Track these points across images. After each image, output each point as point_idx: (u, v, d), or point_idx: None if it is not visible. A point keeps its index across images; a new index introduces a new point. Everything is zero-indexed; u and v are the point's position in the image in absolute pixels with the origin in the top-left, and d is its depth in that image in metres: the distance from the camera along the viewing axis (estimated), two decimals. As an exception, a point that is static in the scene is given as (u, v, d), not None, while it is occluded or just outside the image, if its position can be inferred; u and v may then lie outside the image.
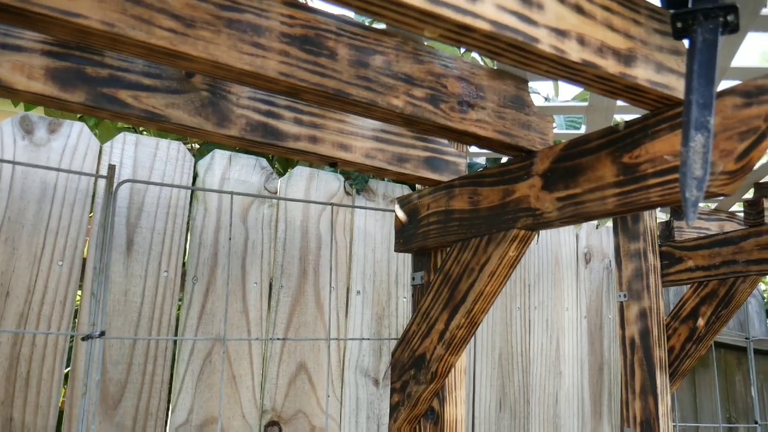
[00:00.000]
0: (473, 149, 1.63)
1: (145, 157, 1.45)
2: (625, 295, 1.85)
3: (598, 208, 0.93)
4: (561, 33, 0.74)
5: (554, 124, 1.11)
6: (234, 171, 1.55)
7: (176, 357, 1.43)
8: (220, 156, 1.55)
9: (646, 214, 1.86)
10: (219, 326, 1.47)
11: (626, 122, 0.91)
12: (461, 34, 0.70)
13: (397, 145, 1.24)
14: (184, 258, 1.47)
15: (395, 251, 1.40)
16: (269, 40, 0.85)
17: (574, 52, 0.75)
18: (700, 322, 1.76)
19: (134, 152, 1.44)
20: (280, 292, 1.57)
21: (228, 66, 0.82)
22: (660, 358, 1.77)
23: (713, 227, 1.93)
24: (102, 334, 1.09)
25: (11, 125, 1.32)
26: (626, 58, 0.80)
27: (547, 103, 1.52)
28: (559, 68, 0.77)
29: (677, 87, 0.83)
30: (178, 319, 1.46)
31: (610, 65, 0.78)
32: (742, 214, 1.99)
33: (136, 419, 1.35)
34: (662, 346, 1.77)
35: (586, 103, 1.18)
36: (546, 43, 0.73)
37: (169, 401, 1.41)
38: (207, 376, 1.44)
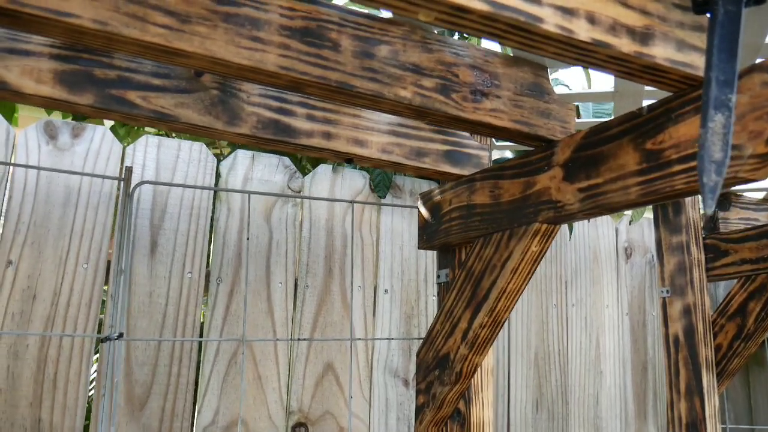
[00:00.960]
0: (500, 143, 1.58)
1: (168, 159, 1.45)
2: (667, 291, 1.76)
3: (621, 198, 0.88)
4: (568, 11, 0.69)
5: (578, 116, 1.06)
6: (257, 171, 1.54)
7: (201, 358, 1.43)
8: (242, 156, 1.54)
9: (689, 205, 1.76)
10: (244, 327, 1.47)
11: (648, 106, 0.85)
12: (457, 16, 0.66)
13: (415, 139, 1.21)
14: (208, 259, 1.47)
15: (419, 248, 1.36)
16: (268, 33, 0.83)
17: (582, 32, 0.70)
18: (749, 318, 1.66)
19: (156, 154, 1.44)
20: (305, 292, 1.55)
21: (225, 61, 0.80)
22: (706, 357, 1.68)
23: (762, 218, 1.82)
24: (121, 335, 1.09)
25: (36, 130, 1.34)
26: (642, 36, 0.74)
27: (569, 91, 1.45)
28: (568, 50, 0.72)
29: (701, 65, 0.77)
30: (202, 321, 1.46)
31: (624, 44, 0.72)
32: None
33: (162, 420, 1.35)
34: (708, 344, 1.68)
35: (611, 90, 1.11)
36: (551, 22, 0.68)
37: (195, 402, 1.41)
38: (233, 377, 1.44)
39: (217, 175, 1.51)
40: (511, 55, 1.01)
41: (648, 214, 2.25)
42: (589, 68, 0.76)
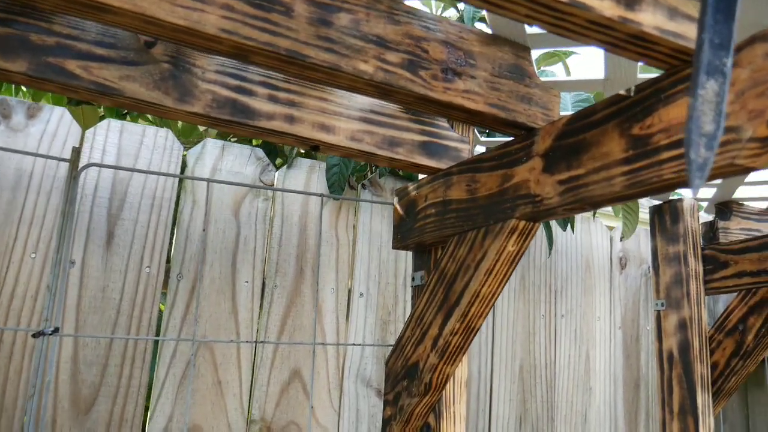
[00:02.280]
0: (486, 138, 1.48)
1: (130, 145, 1.36)
2: (662, 304, 1.66)
3: (604, 190, 0.78)
4: (541, -35, 0.60)
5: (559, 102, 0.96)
6: (226, 161, 1.45)
7: (157, 360, 1.33)
8: (212, 145, 1.45)
9: (688, 213, 1.66)
10: (205, 327, 1.37)
11: (637, 86, 0.76)
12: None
13: (389, 128, 1.11)
14: (169, 254, 1.38)
15: (393, 248, 1.26)
16: (211, -8, 0.74)
17: (558, -11, 0.60)
18: (749, 334, 1.56)
19: (119, 139, 1.35)
20: (273, 292, 1.45)
21: (158, 20, 0.71)
22: (701, 375, 1.57)
23: (764, 228, 1.72)
24: (56, 330, 0.99)
25: (-15, 109, 1.25)
26: (629, 0, 0.65)
27: (554, 78, 1.36)
28: (542, 10, 0.62)
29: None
30: (160, 319, 1.37)
31: (606, 7, 0.63)
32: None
33: (110, 425, 1.25)
34: (704, 362, 1.57)
35: (601, 78, 1.02)
36: (521, -24, 0.59)
37: (147, 407, 1.31)
38: (190, 380, 1.34)
39: (184, 165, 1.42)
40: (490, 33, 0.91)
41: (643, 226, 2.15)
42: (567, 36, 0.67)
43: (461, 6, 1.72)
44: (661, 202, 1.69)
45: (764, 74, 0.60)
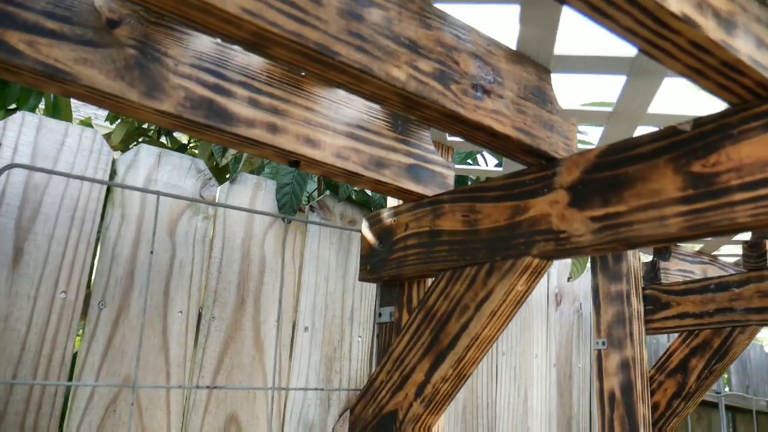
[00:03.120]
0: (459, 165, 1.40)
1: (49, 145, 1.14)
2: (603, 343, 1.65)
3: (654, 230, 0.71)
4: (659, -30, 0.52)
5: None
6: (163, 172, 1.26)
7: (69, 405, 1.10)
8: (146, 152, 1.25)
9: (630, 252, 1.67)
10: (129, 366, 1.16)
11: (695, 121, 0.70)
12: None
13: (376, 146, 1.00)
14: (90, 277, 1.16)
15: (360, 280, 1.14)
16: (230, -38, 0.59)
17: (674, 1, 0.52)
18: (691, 376, 1.57)
19: (35, 138, 1.13)
20: (210, 324, 1.27)
21: (166, -12, 0.56)
22: (644, 416, 1.57)
23: (697, 270, 1.77)
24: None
25: None
26: (727, 24, 0.58)
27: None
28: (647, 23, 0.54)
29: (781, 71, 0.62)
30: (75, 356, 1.14)
31: (711, 28, 0.56)
32: (725, 259, 1.84)
33: (6, 489, 1.01)
34: (646, 402, 1.57)
35: (609, 109, 0.97)
36: (641, -20, 0.50)
37: (54, 463, 1.08)
38: (110, 429, 1.12)
39: (113, 173, 1.21)
40: (515, 49, 0.83)
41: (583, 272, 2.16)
42: (658, 57, 0.59)
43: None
44: (607, 241, 1.68)
45: None
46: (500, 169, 1.38)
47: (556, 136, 0.85)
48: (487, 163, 1.93)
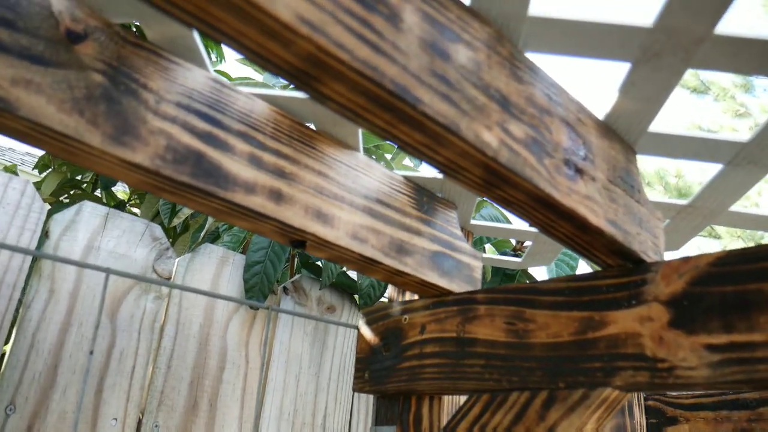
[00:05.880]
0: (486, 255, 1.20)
1: (-38, 196, 0.88)
2: (601, 460, 1.44)
3: (814, 375, 0.52)
4: None
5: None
6: (109, 238, 1.00)
7: None
8: (90, 212, 1.00)
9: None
10: (39, 495, 0.86)
11: None
12: None
13: (398, 227, 0.79)
14: (-3, 370, 0.88)
15: (355, 390, 0.90)
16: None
17: None
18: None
19: (-57, 184, 0.86)
20: (152, 436, 0.99)
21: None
22: None
23: (701, 381, 1.61)
24: None
25: None
26: None
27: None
28: None
29: None
30: (-37, 481, 0.84)
31: None
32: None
33: None
34: None
35: (682, 201, 0.80)
36: None
37: None
38: None
39: (44, 235, 0.95)
40: (602, 119, 0.65)
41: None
42: None
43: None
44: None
45: None
46: (518, 259, 1.19)
47: (645, 234, 0.67)
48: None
